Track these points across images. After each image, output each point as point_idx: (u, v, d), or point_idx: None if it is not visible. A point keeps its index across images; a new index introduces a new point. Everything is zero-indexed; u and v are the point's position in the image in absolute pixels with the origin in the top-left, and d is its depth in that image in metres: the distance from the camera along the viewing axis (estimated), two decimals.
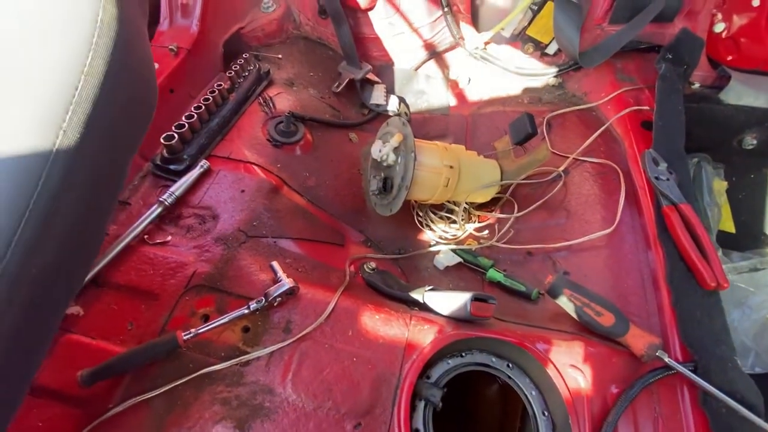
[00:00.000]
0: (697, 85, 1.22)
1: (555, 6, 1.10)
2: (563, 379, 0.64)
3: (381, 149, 0.88)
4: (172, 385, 0.58)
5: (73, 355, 0.62)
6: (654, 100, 1.00)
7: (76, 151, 0.35)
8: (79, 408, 0.58)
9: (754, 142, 1.25)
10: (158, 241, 0.73)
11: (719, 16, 1.16)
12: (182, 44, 0.92)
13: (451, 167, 0.92)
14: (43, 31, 0.36)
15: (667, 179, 0.85)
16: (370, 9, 1.10)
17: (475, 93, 1.26)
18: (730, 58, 1.21)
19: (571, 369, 0.65)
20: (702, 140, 1.28)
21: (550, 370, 0.64)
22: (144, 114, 0.45)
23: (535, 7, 1.17)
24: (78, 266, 0.42)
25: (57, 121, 0.35)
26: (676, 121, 0.96)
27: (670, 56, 1.04)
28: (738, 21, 1.15)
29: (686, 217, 0.80)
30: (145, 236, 0.74)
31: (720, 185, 1.28)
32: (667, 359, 0.64)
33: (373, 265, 0.90)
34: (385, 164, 0.89)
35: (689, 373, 0.63)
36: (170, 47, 0.90)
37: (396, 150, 0.86)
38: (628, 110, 1.02)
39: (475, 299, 0.67)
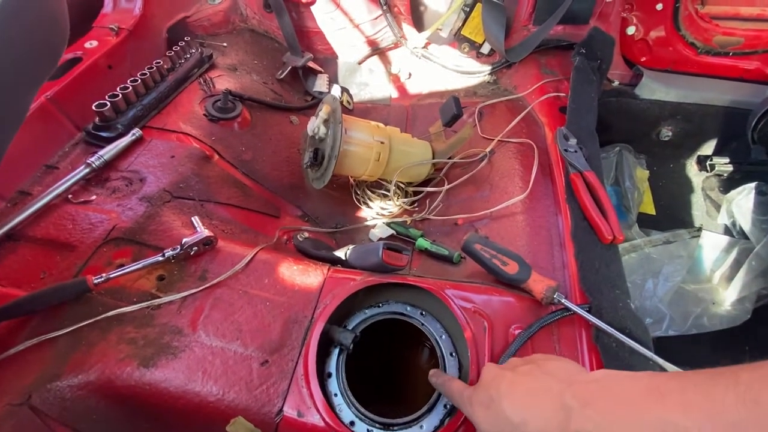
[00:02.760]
0: (616, 83, 1.35)
1: (482, 7, 1.21)
2: (468, 322, 0.68)
3: (313, 123, 0.92)
4: (79, 325, 0.59)
5: None
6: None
7: None
8: None
9: (669, 134, 1.37)
10: (82, 200, 0.75)
11: (632, 19, 1.30)
12: (123, 25, 0.96)
13: (381, 143, 0.97)
14: None
15: (575, 151, 0.93)
16: (312, 3, 1.18)
17: (416, 86, 1.34)
18: (643, 59, 1.34)
19: (477, 314, 0.69)
20: (624, 132, 1.40)
21: (458, 315, 0.68)
22: (47, 43, 0.48)
23: (467, 9, 1.28)
24: None
25: None
26: (587, 105, 1.06)
27: (584, 51, 1.15)
28: (646, 25, 1.28)
29: (590, 182, 0.87)
30: (69, 196, 0.75)
31: (642, 174, 1.39)
32: (564, 300, 0.69)
33: (306, 234, 0.93)
34: (317, 138, 0.94)
35: (583, 312, 0.68)
36: (111, 26, 0.94)
37: (326, 123, 0.91)
38: (547, 96, 1.11)
39: (387, 248, 0.71)
